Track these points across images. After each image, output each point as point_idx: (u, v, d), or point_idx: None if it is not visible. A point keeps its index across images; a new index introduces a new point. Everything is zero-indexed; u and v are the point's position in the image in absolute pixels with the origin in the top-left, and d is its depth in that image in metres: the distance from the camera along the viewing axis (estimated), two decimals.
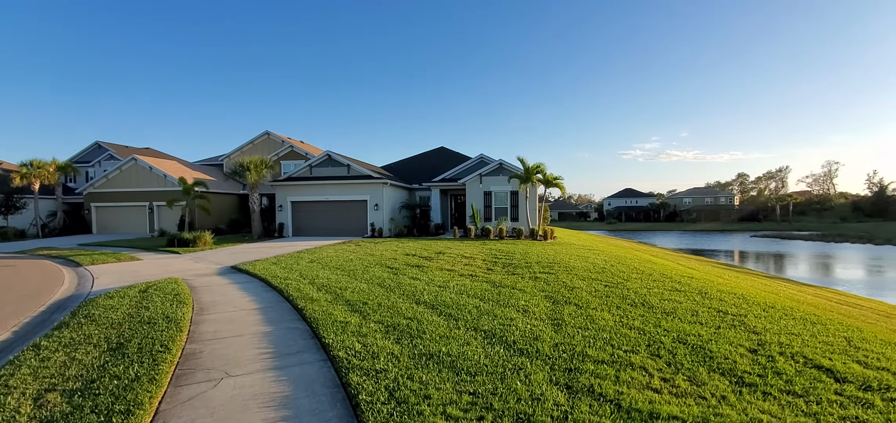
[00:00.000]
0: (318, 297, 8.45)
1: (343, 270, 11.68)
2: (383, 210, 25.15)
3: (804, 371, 4.98)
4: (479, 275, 10.88)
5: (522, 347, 5.65)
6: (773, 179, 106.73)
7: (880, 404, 4.23)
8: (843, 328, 6.97)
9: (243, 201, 31.35)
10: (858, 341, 6.20)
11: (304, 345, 6.05)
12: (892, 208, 73.40)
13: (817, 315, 8.00)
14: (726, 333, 6.35)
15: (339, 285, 9.62)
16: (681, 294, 8.90)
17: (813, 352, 5.60)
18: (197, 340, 6.28)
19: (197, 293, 9.39)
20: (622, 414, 3.96)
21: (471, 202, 25.23)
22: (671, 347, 5.71)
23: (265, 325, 7.05)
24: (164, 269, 12.94)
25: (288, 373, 5.06)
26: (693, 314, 7.33)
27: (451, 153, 35.01)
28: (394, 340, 5.93)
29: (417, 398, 4.22)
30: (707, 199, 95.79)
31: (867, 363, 5.28)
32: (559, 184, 22.93)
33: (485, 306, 7.71)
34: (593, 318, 7.01)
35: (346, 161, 26.38)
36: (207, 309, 8.07)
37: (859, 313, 10.17)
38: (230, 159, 34.27)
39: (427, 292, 8.91)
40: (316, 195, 26.08)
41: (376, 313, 7.24)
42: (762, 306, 8.19)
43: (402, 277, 10.61)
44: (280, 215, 26.18)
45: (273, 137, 34.03)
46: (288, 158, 32.72)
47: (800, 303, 9.98)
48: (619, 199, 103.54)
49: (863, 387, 4.60)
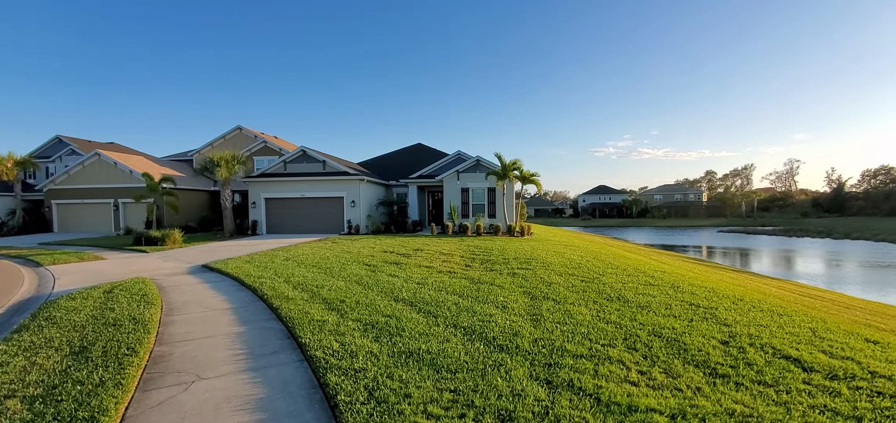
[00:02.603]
0: (293, 295, 8.26)
1: (319, 267, 11.48)
2: (360, 207, 24.87)
3: (773, 362, 5.15)
4: (457, 271, 10.87)
5: (502, 343, 5.65)
6: (738, 177, 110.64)
7: (846, 392, 4.40)
8: (808, 320, 7.25)
9: (215, 198, 30.46)
10: (823, 332, 6.46)
11: (279, 345, 5.90)
12: (849, 205, 77.28)
13: (783, 307, 8.30)
14: (699, 325, 6.51)
15: (316, 283, 9.44)
16: (655, 288, 9.09)
17: (781, 343, 5.80)
18: (166, 342, 6.04)
19: (166, 293, 9.05)
20: (602, 408, 4.00)
21: (448, 199, 25.22)
22: (647, 340, 5.81)
23: (239, 325, 6.84)
24: (131, 268, 12.44)
25: (263, 374, 4.91)
26: (667, 308, 7.50)
27: (429, 150, 34.88)
28: (373, 338, 5.84)
29: (397, 397, 4.16)
30: (677, 196, 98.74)
31: (832, 353, 5.50)
32: (535, 181, 23.15)
33: (464, 303, 7.70)
34: (571, 313, 7.08)
35: (322, 157, 25.94)
36: (177, 310, 7.78)
37: (822, 305, 10.62)
38: (200, 155, 33.19)
39: (406, 289, 8.83)
40: (291, 192, 25.56)
41: (354, 312, 7.13)
42: (731, 299, 8.44)
43: (380, 274, 10.50)
44: (253, 212, 25.56)
45: (245, 132, 33.18)
46: (261, 154, 31.96)
47: (766, 296, 10.35)
48: (593, 195, 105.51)
49: (829, 376, 4.78)
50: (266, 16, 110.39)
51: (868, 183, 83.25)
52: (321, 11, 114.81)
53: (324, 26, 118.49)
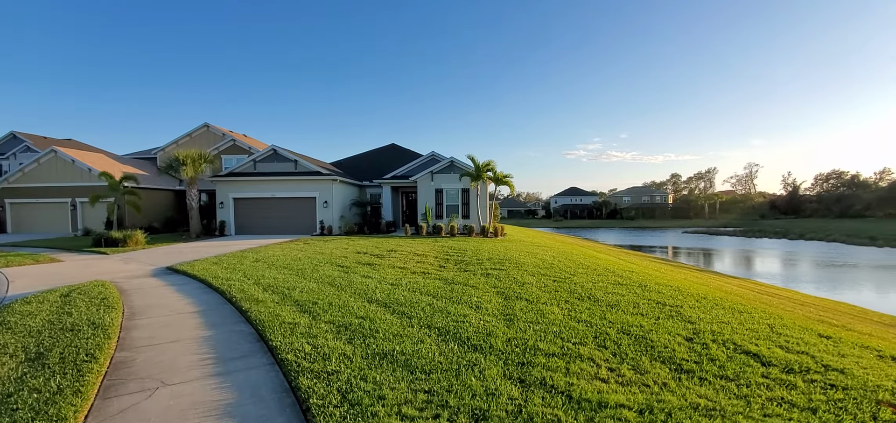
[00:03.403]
0: (264, 298, 8.07)
1: (291, 269, 11.26)
2: (333, 207, 24.53)
3: (734, 357, 5.38)
4: (431, 272, 10.86)
5: (476, 343, 5.68)
6: (702, 180, 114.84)
7: (802, 385, 4.64)
8: (766, 316, 7.60)
9: (180, 198, 29.43)
10: (780, 328, 6.78)
11: (249, 349, 5.75)
12: (803, 207, 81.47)
13: (743, 305, 8.67)
14: (665, 323, 6.73)
15: (287, 284, 9.25)
16: (623, 288, 9.34)
17: (741, 339, 6.06)
18: (128, 347, 5.80)
19: (128, 297, 8.69)
20: (573, 405, 4.08)
21: (422, 200, 25.20)
22: (616, 338, 5.96)
23: (206, 329, 6.64)
24: (90, 271, 11.88)
25: (232, 379, 4.78)
26: (635, 306, 7.71)
27: (403, 150, 34.75)
28: (346, 340, 5.77)
29: (371, 398, 4.13)
30: (644, 198, 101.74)
31: (788, 348, 5.79)
32: (509, 182, 23.40)
33: (438, 304, 7.70)
34: (544, 312, 7.19)
35: (294, 156, 25.45)
36: (140, 313, 7.48)
37: (779, 303, 11.15)
38: (164, 153, 32.03)
39: (379, 290, 8.77)
40: (261, 192, 24.96)
41: (327, 313, 7.02)
42: (695, 298, 8.76)
43: (353, 275, 10.39)
44: (221, 212, 24.83)
45: (213, 129, 32.19)
46: (229, 153, 31.09)
47: (728, 293, 10.79)
48: (564, 197, 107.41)
49: (786, 370, 5.03)
50: (234, 13, 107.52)
51: (821, 186, 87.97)
52: (293, 11, 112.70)
53: (295, 25, 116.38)
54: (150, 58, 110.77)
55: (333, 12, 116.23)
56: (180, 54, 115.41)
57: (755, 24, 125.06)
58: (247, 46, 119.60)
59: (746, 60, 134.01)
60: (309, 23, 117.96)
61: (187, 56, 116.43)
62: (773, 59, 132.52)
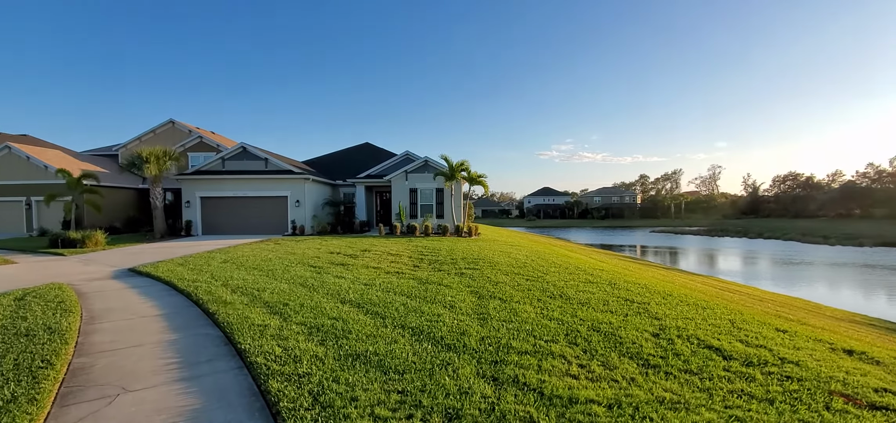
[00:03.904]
0: (232, 300, 7.86)
1: (261, 270, 11.00)
2: (305, 207, 24.10)
3: (698, 352, 5.58)
4: (405, 272, 10.82)
5: (450, 342, 5.70)
6: (668, 181, 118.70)
7: (760, 377, 4.86)
8: (727, 312, 7.92)
9: (143, 197, 28.28)
10: (740, 323, 7.08)
11: (216, 352, 5.59)
12: (762, 207, 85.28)
13: (706, 301, 9.01)
14: (633, 320, 6.92)
15: (257, 285, 9.04)
16: (594, 286, 9.54)
17: (704, 334, 6.29)
18: (87, 353, 5.54)
19: (86, 300, 8.30)
20: (545, 401, 4.15)
21: (397, 199, 25.08)
22: (586, 335, 6.09)
23: (170, 332, 6.41)
24: (46, 273, 11.28)
25: (198, 384, 4.64)
26: (605, 304, 7.90)
27: (377, 149, 34.48)
28: (318, 341, 5.69)
29: (344, 400, 4.08)
30: (614, 198, 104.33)
31: (748, 342, 6.05)
32: (483, 182, 23.55)
33: (412, 304, 7.68)
34: (517, 311, 7.27)
35: (264, 154, 24.86)
36: (100, 317, 7.16)
37: (739, 299, 11.64)
38: (126, 150, 30.74)
39: (353, 290, 8.68)
40: (229, 191, 24.28)
41: (298, 315, 6.90)
42: (662, 295, 9.04)
43: (326, 276, 10.24)
44: (187, 211, 24.03)
45: (178, 126, 31.10)
46: (196, 150, 30.10)
47: (692, 290, 11.18)
48: (538, 197, 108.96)
49: (745, 363, 5.26)
50: (202, 8, 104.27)
51: (778, 188, 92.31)
52: (263, 7, 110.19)
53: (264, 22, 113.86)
54: (111, 51, 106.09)
55: (306, 7, 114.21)
56: (144, 49, 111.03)
57: (719, 34, 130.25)
58: (216, 42, 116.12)
59: (711, 67, 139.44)
60: (280, 20, 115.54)
61: (151, 51, 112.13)
62: (736, 67, 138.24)
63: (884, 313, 13.78)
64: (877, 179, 74.26)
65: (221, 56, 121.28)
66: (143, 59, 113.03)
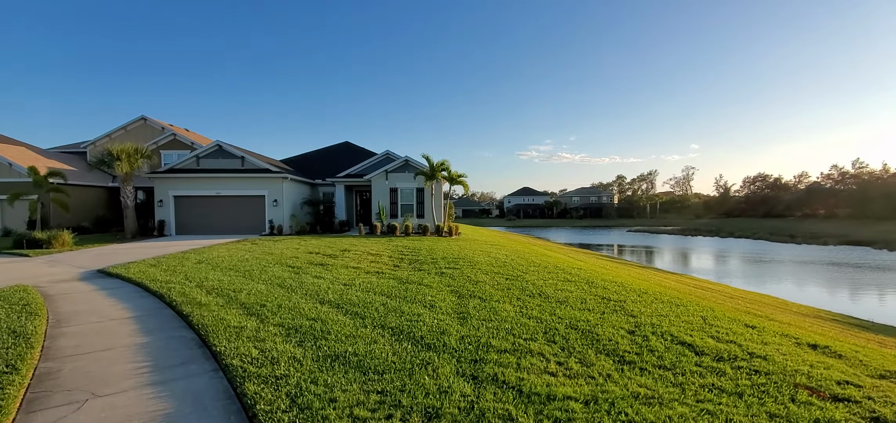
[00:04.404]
0: (207, 301, 7.68)
1: (237, 270, 10.78)
2: (283, 206, 23.72)
3: (671, 347, 5.73)
4: (385, 272, 10.77)
5: (430, 342, 5.70)
6: (644, 181, 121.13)
7: (730, 371, 5.02)
8: (699, 309, 8.15)
9: (114, 196, 27.36)
10: (711, 320, 7.29)
11: (190, 355, 5.45)
12: (734, 207, 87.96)
13: (680, 298, 9.25)
14: (610, 317, 7.05)
15: (233, 287, 8.86)
16: (572, 284, 9.68)
17: (678, 330, 6.46)
18: (54, 357, 5.34)
19: (53, 302, 7.99)
20: (523, 399, 4.19)
21: (377, 199, 24.92)
22: (564, 333, 6.18)
23: (142, 335, 6.23)
24: (11, 275, 10.80)
25: (171, 388, 4.52)
26: (582, 302, 8.03)
27: (357, 149, 34.19)
28: (296, 343, 5.61)
29: (322, 402, 4.04)
30: (592, 198, 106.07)
31: (719, 338, 6.24)
32: (463, 182, 23.60)
33: (392, 303, 7.66)
34: (496, 310, 7.33)
35: (241, 153, 24.35)
36: (67, 320, 6.91)
37: (711, 296, 11.98)
38: (96, 147, 29.67)
39: (332, 290, 8.59)
40: (204, 190, 23.69)
41: (276, 316, 6.79)
42: (637, 292, 9.24)
43: (304, 276, 10.10)
44: (160, 211, 23.36)
45: (151, 123, 30.17)
46: (169, 148, 29.26)
47: (666, 288, 11.46)
48: (517, 197, 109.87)
49: (716, 358, 5.42)
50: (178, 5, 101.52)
51: (748, 189, 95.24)
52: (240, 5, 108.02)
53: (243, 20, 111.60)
54: (80, 46, 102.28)
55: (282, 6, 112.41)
56: (117, 44, 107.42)
57: (692, 40, 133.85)
58: (190, 38, 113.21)
59: (685, 72, 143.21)
60: (257, 18, 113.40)
61: (124, 47, 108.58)
62: (709, 71, 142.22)
63: (847, 309, 14.40)
64: (840, 181, 77.34)
65: (197, 52, 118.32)
66: (114, 54, 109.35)
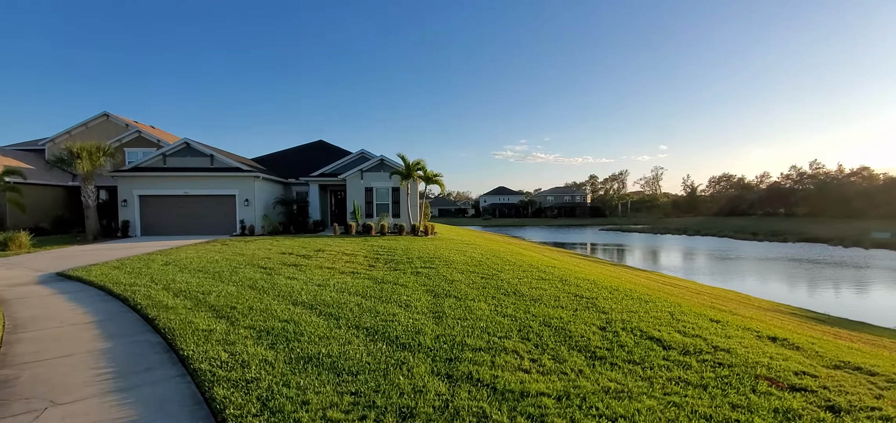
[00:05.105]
0: (174, 304, 7.45)
1: (206, 272, 10.49)
2: (255, 206, 23.20)
3: (640, 343, 5.89)
4: (360, 272, 10.68)
5: (405, 341, 5.69)
6: (616, 181, 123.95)
7: (696, 365, 5.20)
8: (667, 305, 8.40)
9: (74, 195, 26.17)
10: (679, 315, 7.53)
11: (156, 360, 5.28)
12: (700, 206, 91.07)
13: (649, 295, 9.51)
14: (582, 314, 7.19)
15: (202, 289, 8.61)
16: (546, 282, 9.83)
17: (647, 326, 6.64)
18: (11, 364, 5.08)
19: (9, 307, 7.60)
20: (497, 396, 4.23)
21: (352, 198, 24.67)
22: (538, 330, 6.27)
23: (104, 340, 5.99)
24: None
25: (135, 394, 4.36)
26: (556, 300, 8.16)
27: (331, 147, 33.73)
28: (267, 345, 5.51)
29: (294, 405, 3.98)
30: (566, 197, 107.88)
31: (685, 332, 6.45)
32: (439, 181, 23.62)
33: (367, 304, 7.60)
34: (471, 309, 7.37)
35: (210, 151, 23.68)
36: (24, 326, 6.58)
37: (678, 292, 12.37)
38: (55, 144, 28.28)
39: (305, 291, 8.46)
40: (171, 189, 22.93)
41: (247, 318, 6.65)
42: (609, 290, 9.45)
43: (277, 277, 9.91)
44: (124, 211, 22.47)
45: (114, 119, 29.00)
46: (134, 146, 28.17)
47: (636, 285, 11.76)
48: (493, 196, 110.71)
49: (683, 352, 5.60)
50: None
51: (714, 188, 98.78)
52: None
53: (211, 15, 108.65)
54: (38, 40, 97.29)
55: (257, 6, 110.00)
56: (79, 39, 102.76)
57: (658, 46, 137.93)
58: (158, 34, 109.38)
59: (654, 76, 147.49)
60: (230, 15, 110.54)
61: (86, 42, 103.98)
62: (676, 75, 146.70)
63: (804, 303, 15.12)
64: (798, 181, 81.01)
65: (165, 47, 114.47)
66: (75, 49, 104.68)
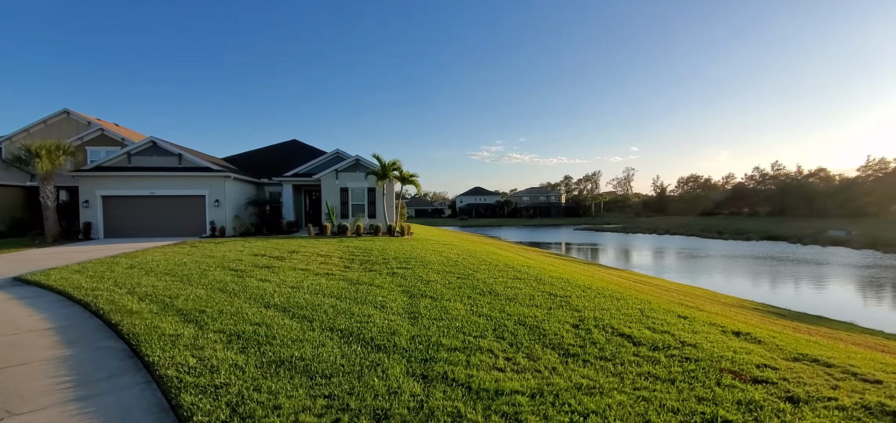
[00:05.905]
0: (139, 308, 7.19)
1: (174, 275, 10.16)
2: (226, 207, 22.61)
3: (612, 339, 6.02)
4: (335, 273, 10.55)
5: (380, 343, 5.65)
6: (589, 182, 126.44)
7: (665, 360, 5.35)
8: (638, 302, 8.61)
9: (32, 196, 24.86)
10: (648, 312, 7.73)
11: (119, 367, 5.08)
12: (670, 206, 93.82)
13: (621, 293, 9.73)
14: (556, 312, 7.30)
15: (169, 292, 8.34)
16: (521, 282, 9.93)
17: (618, 323, 6.80)
18: None
19: None
20: (472, 395, 4.25)
21: (327, 199, 24.34)
22: (513, 329, 6.33)
23: (64, 347, 5.73)
24: None
25: (97, 403, 4.19)
26: (531, 299, 8.26)
27: (306, 147, 33.19)
28: (238, 349, 5.38)
29: (265, 410, 3.90)
30: (541, 197, 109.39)
31: (654, 329, 6.63)
32: (415, 181, 23.59)
33: (342, 305, 7.52)
34: (447, 309, 7.38)
35: (178, 150, 22.95)
36: None
37: (649, 289, 12.70)
38: (12, 143, 26.81)
39: (278, 294, 8.30)
40: (137, 189, 22.13)
41: (217, 322, 6.47)
42: (582, 288, 9.63)
43: (248, 279, 9.69)
44: (86, 212, 21.56)
45: (75, 117, 27.72)
46: (97, 144, 26.99)
47: (608, 283, 12.02)
48: (469, 196, 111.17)
49: (652, 348, 5.76)
50: None
51: (682, 188, 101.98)
52: None
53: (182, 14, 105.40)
54: None
55: None
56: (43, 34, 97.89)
57: (631, 50, 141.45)
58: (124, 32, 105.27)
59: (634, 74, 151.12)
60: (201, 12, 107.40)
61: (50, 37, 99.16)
62: (647, 79, 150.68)
63: (766, 299, 15.77)
64: (761, 182, 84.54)
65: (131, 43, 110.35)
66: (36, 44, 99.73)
